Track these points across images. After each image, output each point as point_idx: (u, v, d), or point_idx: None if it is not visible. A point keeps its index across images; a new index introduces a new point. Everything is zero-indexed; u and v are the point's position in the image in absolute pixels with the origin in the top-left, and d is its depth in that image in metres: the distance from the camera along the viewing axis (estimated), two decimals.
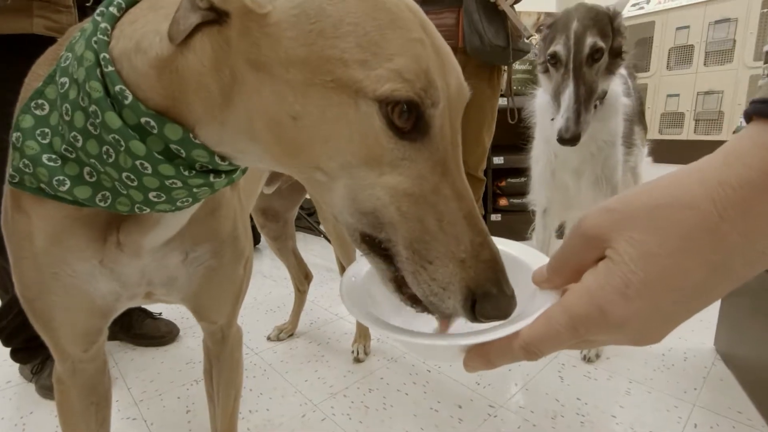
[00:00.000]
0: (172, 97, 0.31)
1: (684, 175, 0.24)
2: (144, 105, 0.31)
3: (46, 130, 0.34)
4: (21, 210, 0.38)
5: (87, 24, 0.35)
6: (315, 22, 0.27)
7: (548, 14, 1.84)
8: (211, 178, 0.34)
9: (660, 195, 0.24)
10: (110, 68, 0.31)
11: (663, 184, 0.25)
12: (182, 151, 0.32)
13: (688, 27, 4.48)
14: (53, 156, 0.34)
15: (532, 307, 0.29)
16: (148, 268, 0.44)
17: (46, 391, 1.03)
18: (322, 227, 2.02)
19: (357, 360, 1.16)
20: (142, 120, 0.31)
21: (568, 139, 0.90)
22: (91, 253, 0.40)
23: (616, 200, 0.26)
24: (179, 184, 0.33)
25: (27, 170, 0.34)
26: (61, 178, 0.34)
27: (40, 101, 0.35)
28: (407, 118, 0.28)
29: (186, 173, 0.32)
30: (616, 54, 0.96)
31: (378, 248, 0.31)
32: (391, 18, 0.28)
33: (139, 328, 1.25)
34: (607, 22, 0.94)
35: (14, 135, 0.35)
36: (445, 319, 0.31)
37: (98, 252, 0.40)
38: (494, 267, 0.29)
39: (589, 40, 0.91)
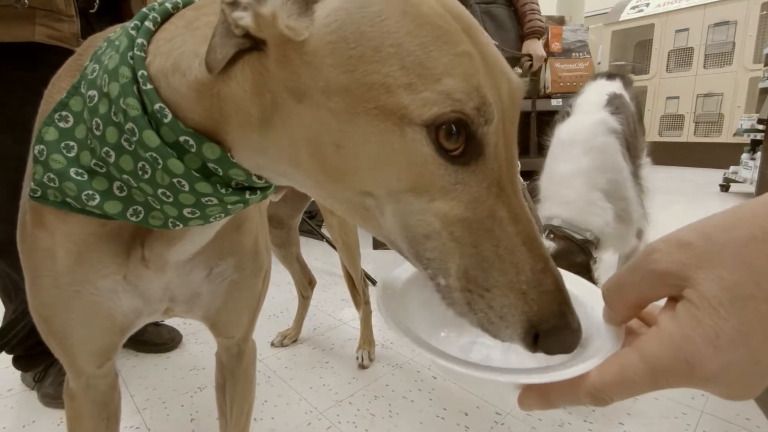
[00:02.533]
0: (212, 118, 0.31)
1: (761, 204, 0.22)
2: (183, 123, 0.30)
3: (71, 143, 0.34)
4: (43, 227, 0.38)
5: (113, 34, 0.34)
6: (355, 47, 0.26)
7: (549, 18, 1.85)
8: (247, 195, 0.34)
9: (745, 227, 0.22)
10: (149, 86, 0.30)
11: (745, 214, 0.22)
12: (219, 170, 0.31)
13: (687, 29, 4.49)
14: (80, 170, 0.33)
15: (593, 344, 0.28)
16: (172, 283, 0.43)
17: (48, 399, 1.02)
18: (324, 231, 2.02)
19: (362, 366, 1.15)
20: (181, 139, 0.30)
21: None
22: (114, 269, 0.39)
23: (690, 233, 0.23)
24: (215, 201, 0.32)
25: (52, 184, 0.33)
26: (91, 192, 0.33)
27: (64, 113, 0.34)
28: (458, 140, 0.26)
29: (223, 191, 0.32)
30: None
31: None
32: (435, 33, 0.26)
33: (141, 335, 1.24)
34: None
35: (37, 148, 0.34)
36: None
37: (122, 267, 0.39)
38: (558, 298, 0.27)
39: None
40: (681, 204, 2.89)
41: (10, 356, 1.07)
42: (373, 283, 1.76)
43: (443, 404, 1.00)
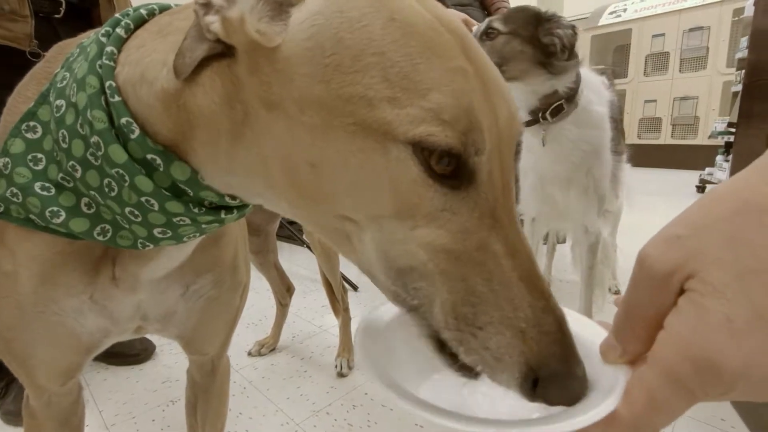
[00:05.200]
0: (180, 133, 0.28)
1: (744, 179, 0.21)
2: (151, 140, 0.28)
3: (39, 155, 0.31)
4: (4, 245, 0.35)
5: (86, 41, 0.32)
6: (331, 55, 0.23)
7: None
8: (222, 215, 0.31)
9: (726, 205, 0.21)
10: (117, 98, 0.28)
11: (724, 193, 0.22)
12: (189, 191, 0.29)
13: (663, 35, 4.61)
14: (47, 185, 0.31)
15: (600, 385, 0.24)
16: (144, 303, 0.40)
17: (10, 417, 0.98)
18: (305, 237, 1.99)
19: (341, 375, 1.13)
20: (148, 157, 0.28)
21: None
22: (81, 288, 0.37)
23: (675, 227, 0.22)
24: (187, 221, 0.30)
25: (15, 199, 0.31)
26: (56, 209, 0.31)
27: (32, 123, 0.32)
28: (447, 164, 0.23)
29: (196, 210, 0.30)
30: (548, 53, 0.91)
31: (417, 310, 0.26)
32: (425, 44, 0.24)
33: (112, 347, 1.19)
34: (531, 21, 0.93)
35: (1, 161, 0.31)
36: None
37: (89, 286, 0.37)
38: (561, 340, 0.24)
39: (489, 21, 0.95)
40: (660, 205, 2.95)
41: None
42: (354, 288, 1.74)
43: None
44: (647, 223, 1.03)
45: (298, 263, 2.05)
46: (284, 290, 1.26)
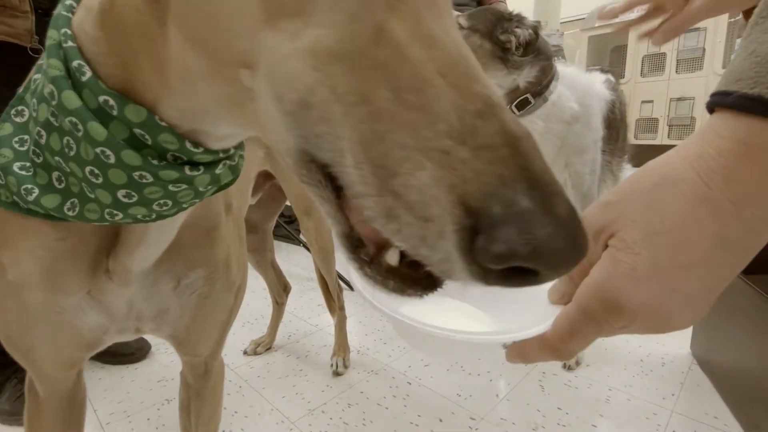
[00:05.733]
0: (125, 65, 0.27)
1: (667, 157, 0.25)
2: (105, 84, 0.27)
3: (25, 137, 0.31)
4: (5, 247, 0.36)
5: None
6: None
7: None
8: (187, 171, 0.29)
9: (650, 177, 0.25)
10: (70, 43, 0.27)
11: (651, 168, 0.26)
12: (147, 136, 0.27)
13: None
14: (26, 164, 0.31)
15: (542, 308, 0.29)
16: (137, 297, 0.41)
17: (5, 416, 0.97)
18: (302, 236, 1.99)
19: (336, 374, 1.13)
20: (101, 99, 0.26)
21: None
22: (79, 285, 0.37)
23: (611, 193, 0.27)
24: (149, 178, 0.28)
25: (0, 181, 0.31)
26: (30, 186, 0.30)
27: (20, 107, 0.32)
28: None
29: (155, 162, 0.27)
30: (504, 49, 0.95)
31: (327, 178, 0.20)
32: None
33: (108, 346, 1.20)
34: (492, 20, 0.97)
35: None
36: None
37: (86, 283, 0.37)
38: (512, 157, 0.17)
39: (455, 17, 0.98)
40: None
41: None
42: (350, 287, 1.74)
43: (418, 411, 0.99)
44: None
45: (295, 262, 2.05)
46: (281, 289, 1.26)
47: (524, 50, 0.95)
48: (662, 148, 0.28)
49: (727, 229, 0.23)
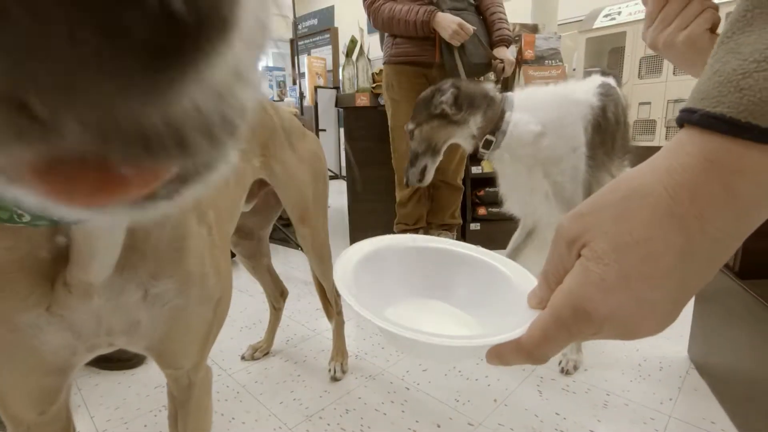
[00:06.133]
0: None
1: (638, 170, 0.26)
2: None
3: None
4: None
5: None
6: None
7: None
8: None
9: (621, 190, 0.26)
10: None
11: (622, 180, 0.26)
12: None
13: None
14: None
15: (520, 313, 0.31)
16: (104, 310, 0.39)
17: None
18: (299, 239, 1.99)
19: (334, 379, 1.13)
20: None
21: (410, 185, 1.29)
22: (35, 300, 0.35)
23: (584, 205, 0.27)
24: None
25: None
26: None
27: None
28: None
29: None
30: (444, 116, 1.12)
31: None
32: None
33: None
34: (424, 106, 1.17)
35: None
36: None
37: (44, 298, 0.35)
38: None
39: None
40: None
41: None
42: None
43: (416, 416, 0.99)
44: None
45: (293, 265, 2.05)
46: (278, 294, 1.25)
47: (456, 107, 1.09)
48: (660, 150, 0.28)
49: (692, 243, 0.23)
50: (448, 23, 1.41)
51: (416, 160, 1.24)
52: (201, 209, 0.45)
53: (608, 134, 1.15)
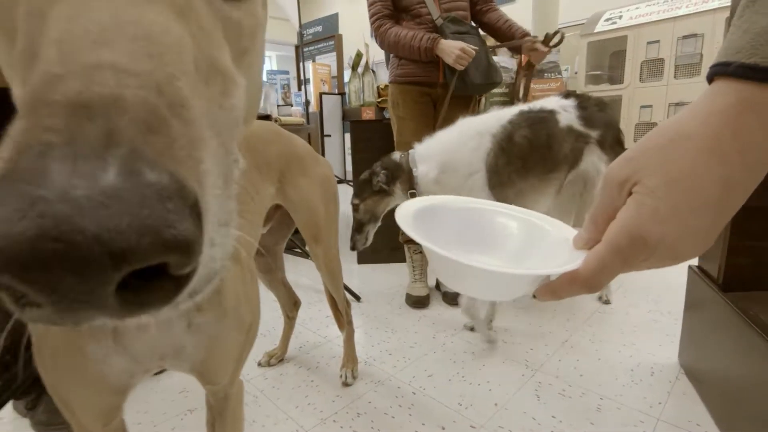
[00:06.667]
0: None
1: (678, 118, 0.30)
2: None
3: None
4: None
5: None
6: None
7: None
8: None
9: (666, 134, 0.29)
10: None
11: (665, 127, 0.30)
12: None
13: (658, 41, 4.67)
14: None
15: (562, 255, 0.34)
16: (157, 339, 0.47)
17: (41, 426, 1.06)
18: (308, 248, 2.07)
19: (345, 384, 1.21)
20: None
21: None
22: (104, 333, 0.43)
23: (632, 150, 0.31)
24: None
25: None
26: None
27: None
28: None
29: None
30: (381, 191, 1.48)
31: None
32: None
33: None
34: (364, 185, 1.51)
35: None
36: None
37: (111, 331, 0.43)
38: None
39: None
40: None
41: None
42: (357, 298, 1.82)
43: (422, 419, 1.06)
44: None
45: (302, 273, 2.13)
46: (291, 305, 1.33)
47: (389, 182, 1.45)
48: None
49: (733, 174, 0.27)
50: (451, 49, 1.49)
51: (362, 228, 1.54)
52: (237, 252, 0.53)
53: (515, 156, 1.34)
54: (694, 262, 1.22)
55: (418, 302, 1.74)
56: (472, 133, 1.37)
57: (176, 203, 0.13)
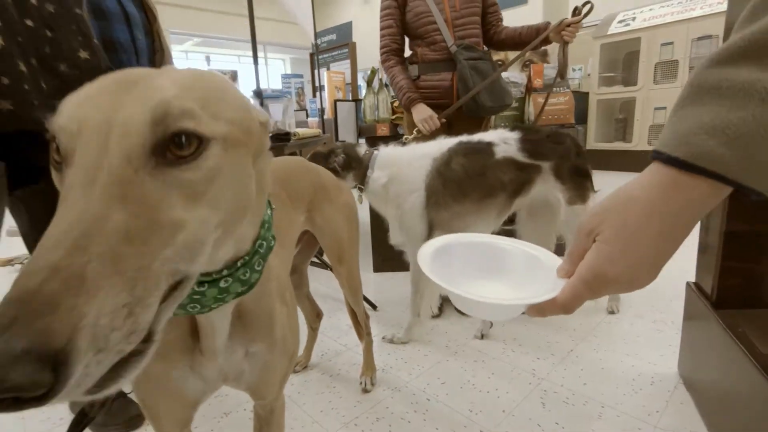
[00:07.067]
0: None
1: (633, 184, 0.40)
2: None
3: None
4: None
5: None
6: None
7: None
8: (196, 287, 0.43)
9: (621, 198, 0.40)
10: None
11: (622, 191, 0.40)
12: None
13: (672, 43, 4.66)
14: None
15: (549, 282, 0.46)
16: (222, 365, 0.58)
17: (97, 427, 1.19)
18: (326, 258, 2.19)
19: (365, 390, 1.32)
20: None
21: None
22: (184, 362, 0.55)
23: (598, 207, 0.42)
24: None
25: None
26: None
27: None
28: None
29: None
30: (335, 171, 1.50)
31: None
32: None
33: None
34: (323, 156, 1.55)
35: None
36: None
37: (188, 360, 0.55)
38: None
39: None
40: None
41: None
42: (374, 307, 1.93)
43: (435, 424, 1.17)
44: None
45: (321, 282, 2.24)
46: (314, 316, 1.45)
47: (344, 167, 1.52)
48: None
49: (664, 228, 0.38)
50: (421, 115, 1.74)
51: None
52: (283, 294, 0.64)
53: (450, 180, 1.49)
54: (692, 278, 1.29)
55: None
56: (420, 154, 1.52)
57: (31, 362, 0.21)
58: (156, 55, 1.24)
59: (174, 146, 0.31)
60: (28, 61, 0.74)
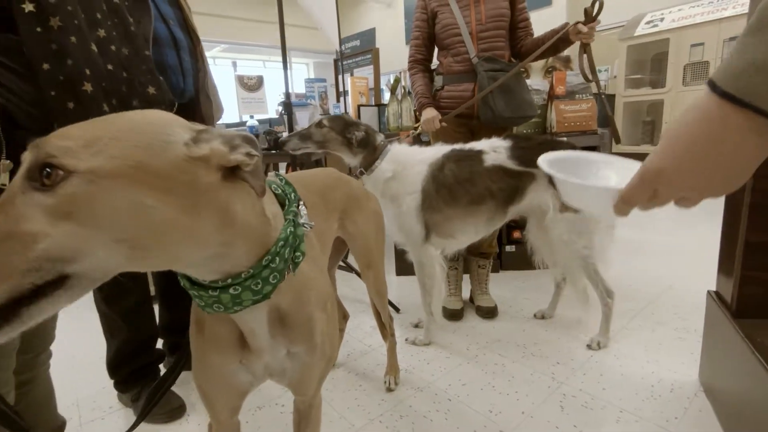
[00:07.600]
0: None
1: (687, 109, 0.44)
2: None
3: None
4: (202, 335, 0.63)
5: None
6: None
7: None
8: (210, 291, 0.51)
9: (674, 120, 0.45)
10: None
11: (675, 119, 0.45)
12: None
13: (702, 44, 4.55)
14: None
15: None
16: (269, 362, 0.66)
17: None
18: (350, 261, 2.26)
19: (389, 389, 1.38)
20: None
21: None
22: (235, 357, 0.63)
23: (649, 159, 0.47)
24: (197, 293, 0.52)
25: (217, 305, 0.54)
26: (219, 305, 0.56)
27: None
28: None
29: (194, 286, 0.52)
30: (349, 142, 1.60)
31: None
32: None
33: None
34: (343, 124, 1.61)
35: None
36: None
37: (239, 355, 0.63)
38: None
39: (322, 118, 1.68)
40: (698, 207, 3.01)
41: (112, 381, 1.35)
42: (397, 310, 1.99)
43: (456, 423, 1.22)
44: (685, 220, 1.20)
45: (344, 284, 2.32)
46: (341, 318, 1.53)
47: (359, 144, 1.59)
48: None
49: (712, 139, 0.41)
50: (426, 116, 1.84)
51: (306, 140, 1.62)
52: (323, 302, 0.70)
53: (442, 185, 1.54)
54: (713, 287, 1.30)
55: (453, 315, 1.89)
56: (420, 159, 1.60)
57: None
58: (199, 73, 1.34)
59: (44, 175, 0.37)
60: (110, 102, 0.86)
